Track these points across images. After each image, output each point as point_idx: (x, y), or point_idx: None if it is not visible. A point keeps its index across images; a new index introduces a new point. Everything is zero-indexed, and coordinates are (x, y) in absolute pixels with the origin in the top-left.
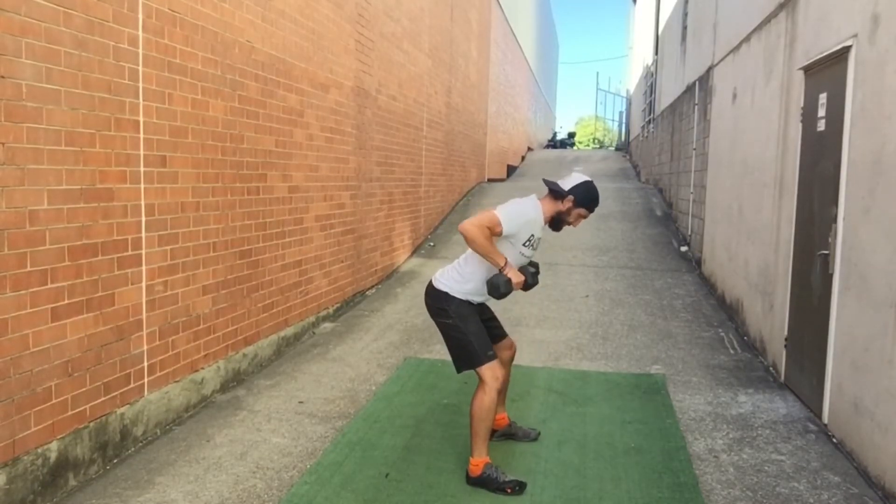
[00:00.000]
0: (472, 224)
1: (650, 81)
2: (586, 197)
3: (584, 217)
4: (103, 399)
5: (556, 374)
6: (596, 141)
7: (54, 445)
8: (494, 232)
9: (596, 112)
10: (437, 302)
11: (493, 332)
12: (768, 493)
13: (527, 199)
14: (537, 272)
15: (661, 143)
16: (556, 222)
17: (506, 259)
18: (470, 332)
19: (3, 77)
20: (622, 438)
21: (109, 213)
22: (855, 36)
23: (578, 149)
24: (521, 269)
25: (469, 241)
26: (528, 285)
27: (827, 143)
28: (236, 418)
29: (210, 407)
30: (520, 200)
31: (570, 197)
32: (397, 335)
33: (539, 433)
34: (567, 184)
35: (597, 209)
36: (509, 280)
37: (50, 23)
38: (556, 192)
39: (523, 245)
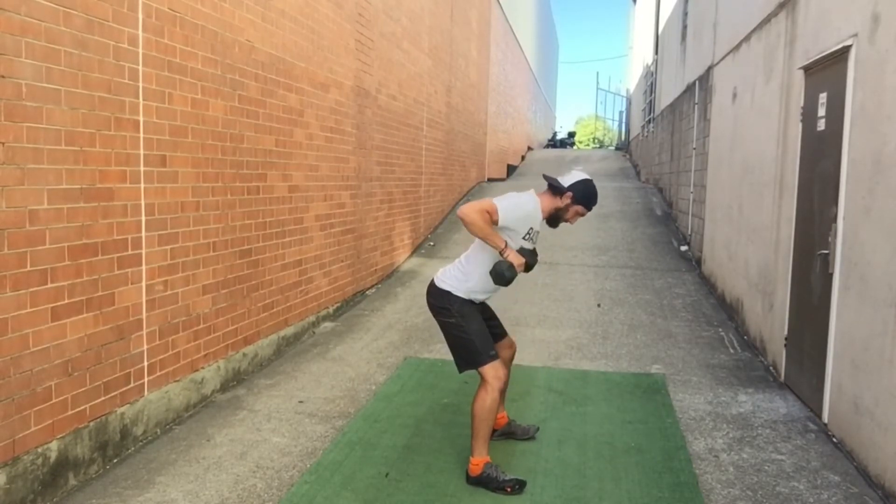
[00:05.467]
0: (470, 208)
1: (650, 81)
2: (585, 194)
3: (582, 215)
4: (103, 398)
5: (556, 373)
6: (596, 140)
7: (54, 445)
8: (492, 219)
9: (596, 112)
10: (440, 301)
11: (494, 331)
12: (768, 493)
13: (525, 193)
14: (535, 251)
15: (660, 142)
16: (553, 219)
17: (505, 241)
18: (472, 331)
19: (3, 77)
20: (622, 438)
21: (109, 212)
22: (855, 35)
23: (578, 148)
24: (520, 251)
25: (468, 224)
26: (528, 266)
27: (827, 142)
28: (236, 418)
29: (210, 406)
30: (518, 194)
31: (569, 193)
32: (397, 335)
33: (538, 428)
34: (566, 180)
35: (597, 209)
36: (511, 265)
37: (50, 22)
38: (555, 188)
39: (522, 238)
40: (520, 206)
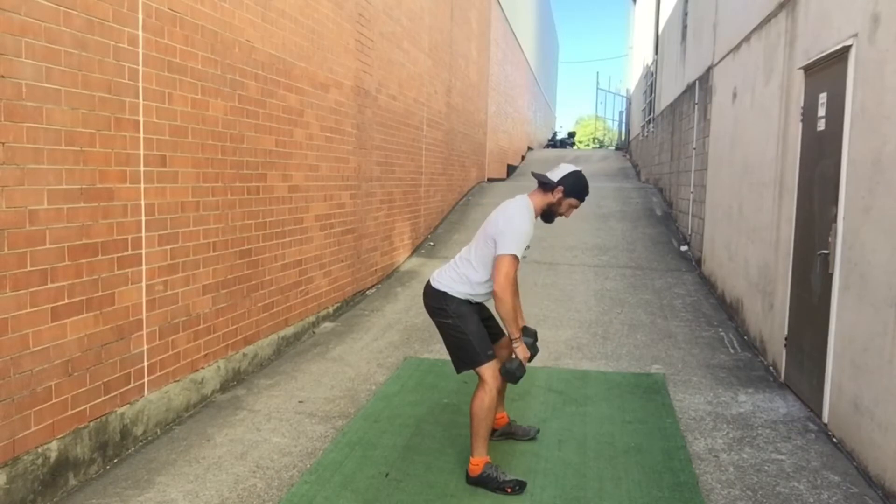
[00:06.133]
0: (505, 287)
1: (650, 81)
2: (575, 186)
3: (575, 207)
4: (103, 399)
5: (556, 373)
6: (596, 140)
7: (54, 445)
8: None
9: (596, 112)
10: (436, 302)
11: (491, 331)
12: (768, 493)
13: (519, 203)
14: (535, 340)
15: (660, 142)
16: (547, 214)
17: (520, 331)
18: (470, 331)
19: (3, 77)
20: (622, 438)
21: (109, 212)
22: (855, 35)
23: (578, 148)
24: (525, 341)
25: (501, 303)
26: (530, 358)
27: (827, 142)
28: (236, 418)
29: (210, 406)
30: (515, 211)
31: (560, 187)
32: (397, 335)
33: (538, 431)
34: (555, 175)
35: (597, 209)
36: (521, 363)
37: (50, 22)
38: (545, 184)
39: (524, 249)
40: (523, 233)
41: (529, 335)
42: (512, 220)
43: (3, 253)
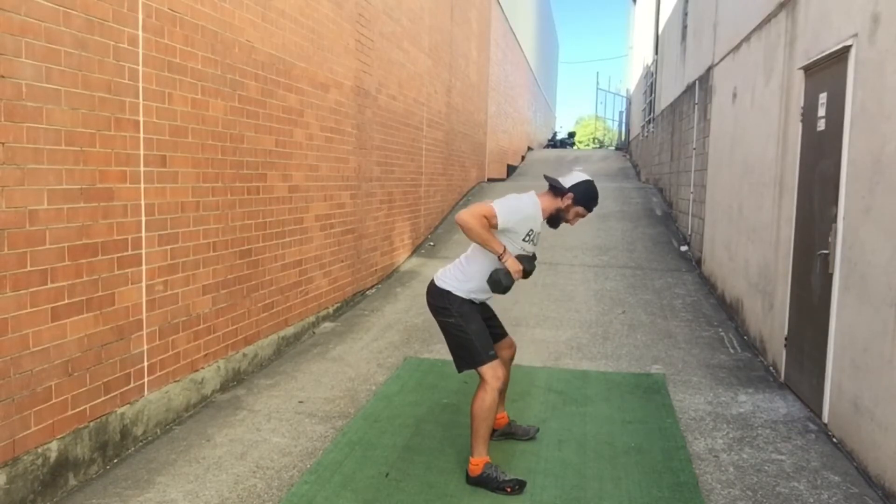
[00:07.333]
0: (468, 214)
1: (650, 81)
2: (586, 196)
3: (582, 216)
4: (103, 399)
5: (557, 373)
6: (596, 141)
7: (54, 445)
8: (490, 224)
9: (596, 112)
10: (440, 301)
11: (494, 331)
12: (768, 493)
13: (525, 195)
14: (533, 257)
15: (661, 142)
16: (553, 219)
17: (504, 246)
18: (472, 330)
19: (3, 77)
20: (622, 438)
21: (109, 212)
22: (855, 35)
23: (578, 148)
24: (518, 257)
25: (466, 230)
26: (526, 272)
27: (827, 142)
28: (236, 418)
29: (210, 406)
30: (517, 196)
31: (570, 194)
32: (397, 335)
33: (538, 431)
34: (568, 181)
35: (597, 209)
36: (509, 272)
37: (50, 22)
38: (556, 189)
39: (523, 240)
40: (519, 209)
41: (525, 261)
42: (514, 197)
43: (3, 253)
